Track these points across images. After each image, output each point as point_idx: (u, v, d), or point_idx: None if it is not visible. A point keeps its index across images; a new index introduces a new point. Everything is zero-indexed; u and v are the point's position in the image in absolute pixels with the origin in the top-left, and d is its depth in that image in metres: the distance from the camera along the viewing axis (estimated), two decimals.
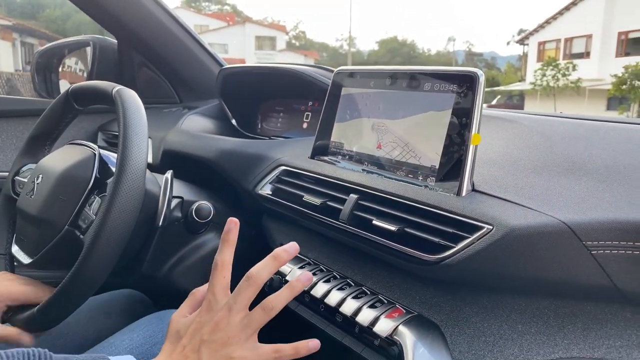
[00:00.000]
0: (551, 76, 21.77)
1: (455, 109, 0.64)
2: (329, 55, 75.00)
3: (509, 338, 0.58)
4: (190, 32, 1.42)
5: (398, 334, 0.61)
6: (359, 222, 0.70)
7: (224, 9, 67.22)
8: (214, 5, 68.37)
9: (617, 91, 19.34)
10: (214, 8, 67.51)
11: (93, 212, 0.76)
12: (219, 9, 67.04)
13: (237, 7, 73.38)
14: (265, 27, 48.19)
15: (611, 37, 22.29)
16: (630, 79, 18.82)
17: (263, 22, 63.84)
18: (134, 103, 0.77)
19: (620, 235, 0.53)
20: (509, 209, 0.57)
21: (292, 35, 69.47)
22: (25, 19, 32.99)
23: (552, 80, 21.78)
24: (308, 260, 0.82)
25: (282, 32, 50.86)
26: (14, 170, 0.95)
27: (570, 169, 0.63)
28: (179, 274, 0.92)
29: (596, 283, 0.55)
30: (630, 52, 21.78)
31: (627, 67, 18.90)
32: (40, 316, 0.72)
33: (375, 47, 79.68)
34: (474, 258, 0.56)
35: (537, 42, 26.32)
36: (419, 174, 0.67)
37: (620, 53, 22.18)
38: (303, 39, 74.67)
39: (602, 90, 21.76)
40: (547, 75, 21.94)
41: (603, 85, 21.47)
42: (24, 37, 23.09)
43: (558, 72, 21.55)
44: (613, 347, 0.55)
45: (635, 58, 19.92)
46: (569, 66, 21.43)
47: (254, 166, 0.94)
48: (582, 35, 23.37)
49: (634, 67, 18.65)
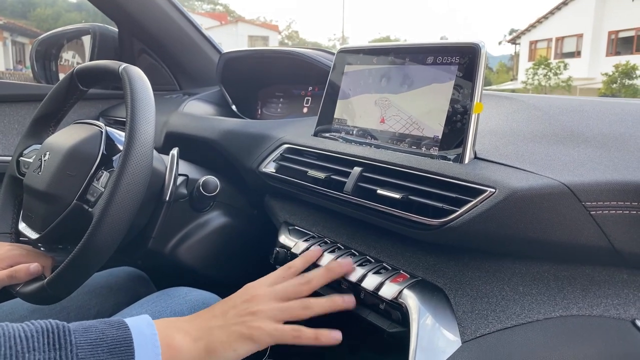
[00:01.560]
0: (543, 75, 21.92)
1: (457, 80, 0.66)
2: None
3: (510, 299, 0.60)
4: (190, 19, 1.44)
5: (403, 297, 0.63)
6: (364, 192, 0.71)
7: (216, 8, 67.03)
8: (206, 4, 68.17)
9: (607, 90, 19.51)
10: (207, 7, 67.29)
11: (102, 185, 0.77)
12: (212, 8, 66.85)
13: (229, 7, 73.19)
14: (257, 27, 48.11)
15: (602, 36, 22.49)
16: (620, 78, 19.01)
17: (255, 21, 63.71)
18: (140, 79, 0.78)
19: (617, 195, 0.55)
20: (510, 173, 0.59)
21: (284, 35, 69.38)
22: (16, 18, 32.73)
23: (543, 80, 21.93)
24: (312, 234, 0.83)
25: (275, 31, 50.79)
26: (19, 151, 0.96)
27: (569, 137, 0.65)
28: (183, 250, 0.93)
29: (595, 244, 0.57)
30: (621, 51, 21.99)
31: (617, 66, 19.09)
32: (50, 287, 0.73)
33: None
34: (477, 220, 0.58)
35: (529, 41, 26.50)
36: (422, 145, 0.69)
37: (611, 52, 22.38)
38: (296, 39, 74.62)
39: (592, 89, 21.93)
40: (538, 74, 22.08)
41: (594, 84, 21.65)
42: (14, 36, 22.93)
43: (549, 71, 21.71)
44: (611, 305, 0.57)
45: (626, 57, 20.12)
46: (560, 65, 21.59)
47: (257, 145, 0.95)
48: (573, 35, 23.56)
49: (624, 66, 18.85)
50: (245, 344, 0.58)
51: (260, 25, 51.61)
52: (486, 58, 0.65)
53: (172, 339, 0.56)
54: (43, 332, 0.50)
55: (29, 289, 0.77)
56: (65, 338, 0.50)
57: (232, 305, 0.63)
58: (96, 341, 0.51)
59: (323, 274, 0.67)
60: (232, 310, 0.61)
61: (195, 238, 0.94)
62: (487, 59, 0.65)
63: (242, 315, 0.60)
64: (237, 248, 1.02)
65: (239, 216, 1.01)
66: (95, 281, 0.98)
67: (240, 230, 1.01)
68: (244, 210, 1.04)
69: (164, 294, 0.86)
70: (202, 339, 0.58)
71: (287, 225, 0.89)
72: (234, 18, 52.05)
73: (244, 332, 0.58)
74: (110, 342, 0.51)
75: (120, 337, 0.52)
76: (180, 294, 0.84)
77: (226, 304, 0.63)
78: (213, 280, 1.00)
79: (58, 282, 0.72)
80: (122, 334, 0.52)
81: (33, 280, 0.78)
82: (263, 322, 0.59)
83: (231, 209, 1.00)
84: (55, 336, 0.50)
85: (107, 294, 0.97)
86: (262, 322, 0.60)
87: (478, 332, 0.58)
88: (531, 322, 0.58)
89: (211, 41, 1.48)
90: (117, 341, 0.51)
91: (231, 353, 0.57)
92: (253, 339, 0.58)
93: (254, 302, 0.62)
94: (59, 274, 0.72)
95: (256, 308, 0.61)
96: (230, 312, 0.61)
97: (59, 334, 0.50)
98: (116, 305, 0.95)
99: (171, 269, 1.00)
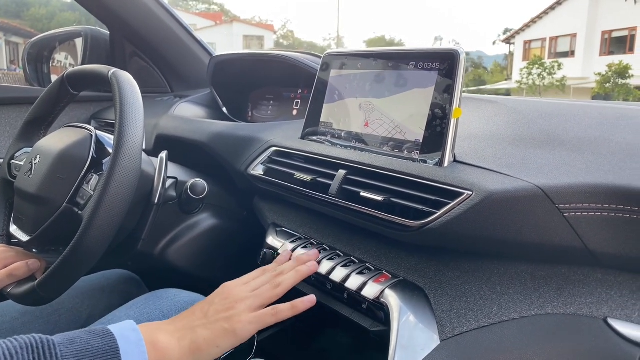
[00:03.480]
0: (537, 75, 22.00)
1: (437, 85, 0.68)
2: None
3: (488, 298, 0.62)
4: (181, 22, 1.45)
5: (385, 297, 0.65)
6: (348, 195, 0.73)
7: (211, 8, 66.90)
8: (201, 4, 68.06)
9: (601, 89, 19.61)
10: (202, 7, 67.18)
11: (91, 188, 0.78)
12: (207, 8, 66.73)
13: (224, 7, 73.12)
14: (253, 27, 48.08)
15: (595, 36, 22.60)
16: (613, 78, 19.10)
17: (251, 21, 63.67)
18: (129, 84, 0.80)
19: (590, 197, 0.57)
20: (487, 176, 0.61)
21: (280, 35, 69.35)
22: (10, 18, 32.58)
23: (538, 79, 22.01)
24: (299, 235, 0.85)
25: (270, 31, 50.77)
26: (10, 155, 0.97)
27: (546, 141, 0.67)
28: (172, 252, 0.95)
29: (569, 244, 0.59)
30: (614, 51, 22.11)
31: (610, 65, 19.18)
32: (41, 289, 0.74)
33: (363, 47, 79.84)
34: (455, 222, 0.60)
35: (523, 41, 26.60)
36: (404, 149, 0.71)
37: (604, 52, 22.49)
38: (291, 39, 74.59)
39: (586, 89, 22.04)
40: (533, 74, 22.17)
41: (587, 83, 21.75)
42: (8, 36, 22.81)
43: (544, 70, 21.79)
44: (584, 304, 0.59)
45: (619, 57, 20.23)
46: (555, 65, 21.67)
47: (246, 148, 0.97)
48: (567, 35, 23.66)
49: (617, 66, 18.94)
50: (228, 338, 0.60)
51: (256, 25, 51.58)
52: (465, 63, 0.67)
53: (157, 342, 0.57)
54: (27, 348, 0.49)
55: (20, 290, 0.78)
56: (50, 352, 0.50)
57: (210, 303, 0.65)
58: (82, 352, 0.51)
59: (290, 264, 0.73)
60: (211, 308, 0.64)
61: (184, 240, 0.95)
62: (465, 63, 0.67)
63: (221, 311, 0.63)
64: (226, 249, 1.03)
65: (229, 218, 1.03)
66: (88, 283, 0.99)
67: (230, 231, 1.03)
68: (234, 211, 1.05)
69: (153, 296, 0.87)
70: (186, 338, 0.59)
71: (275, 227, 0.90)
72: (229, 18, 51.98)
73: (225, 327, 0.61)
74: (96, 353, 0.51)
75: (106, 345, 0.52)
76: (169, 295, 0.85)
77: (205, 303, 0.66)
78: (203, 281, 1.01)
79: (48, 284, 0.74)
80: (107, 342, 0.53)
81: (24, 282, 0.79)
82: (242, 314, 0.62)
83: (220, 211, 1.02)
84: (40, 351, 0.49)
85: (99, 296, 0.98)
86: (241, 314, 0.62)
87: (456, 330, 0.60)
88: (507, 320, 0.60)
89: (202, 43, 1.50)
90: (104, 350, 0.52)
91: (215, 349, 0.59)
92: (236, 333, 0.61)
93: (230, 298, 0.65)
94: (49, 275, 0.73)
95: (233, 303, 0.64)
96: (211, 310, 0.63)
97: (44, 349, 0.50)
98: (108, 307, 0.96)
99: (161, 270, 1.01)
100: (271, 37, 49.34)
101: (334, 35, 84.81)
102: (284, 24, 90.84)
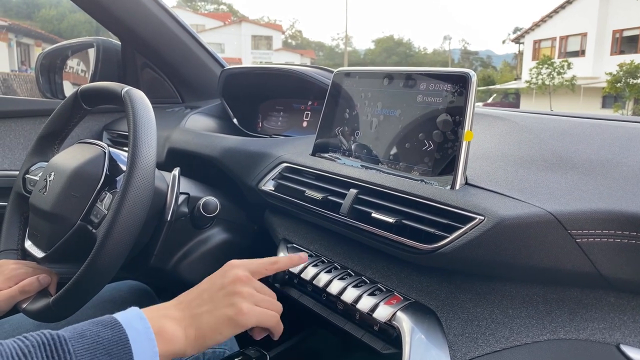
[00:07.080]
0: (546, 74, 21.88)
1: (449, 107, 0.68)
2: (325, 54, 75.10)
3: (500, 322, 0.62)
4: (192, 33, 1.46)
5: (396, 319, 0.65)
6: (359, 215, 0.73)
7: (220, 8, 67.14)
8: (210, 4, 68.32)
9: (611, 89, 19.46)
10: (210, 8, 67.46)
11: (105, 207, 0.79)
12: (215, 8, 66.97)
13: (233, 7, 73.33)
14: (261, 27, 48.20)
15: (606, 35, 22.42)
16: (624, 77, 18.94)
17: (259, 21, 63.81)
18: (142, 103, 0.80)
19: (602, 224, 0.57)
20: (499, 201, 0.61)
21: (288, 35, 69.46)
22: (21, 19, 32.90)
23: (547, 79, 21.89)
24: (310, 252, 0.85)
25: (279, 31, 50.86)
26: (25, 169, 0.99)
27: (557, 163, 0.67)
28: (185, 267, 0.95)
29: (581, 270, 0.59)
30: (625, 50, 21.91)
31: (621, 65, 19.01)
32: (55, 306, 0.75)
33: (371, 46, 79.82)
34: (466, 247, 0.60)
35: (533, 40, 26.45)
36: (415, 169, 0.71)
37: (615, 51, 22.30)
38: (299, 38, 74.63)
39: (597, 89, 21.87)
40: (542, 73, 22.04)
41: (598, 83, 21.58)
42: (19, 37, 23.03)
43: (553, 70, 21.66)
44: (597, 329, 0.59)
45: (630, 56, 20.04)
46: (564, 64, 21.54)
47: (257, 163, 0.97)
48: (577, 34, 23.49)
49: (628, 65, 18.77)
50: (230, 327, 0.61)
51: (264, 25, 51.68)
52: (476, 86, 0.67)
53: (165, 329, 0.58)
54: (40, 346, 0.49)
55: (35, 307, 0.79)
56: (62, 348, 0.50)
57: (219, 286, 0.65)
58: (93, 345, 0.52)
59: None
60: (219, 292, 0.64)
61: (196, 254, 0.96)
62: (477, 85, 0.67)
63: (228, 296, 0.63)
64: None
65: (240, 232, 1.03)
66: (100, 295, 1.00)
67: (241, 246, 1.03)
68: (245, 226, 1.06)
69: None
70: (192, 326, 0.60)
71: (286, 243, 0.91)
72: (238, 18, 52.13)
73: (231, 316, 0.61)
74: (106, 344, 0.52)
75: (116, 336, 0.53)
76: None
77: (213, 285, 0.66)
78: None
79: (63, 302, 0.75)
80: (116, 333, 0.53)
81: (39, 299, 0.80)
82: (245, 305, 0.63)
83: (232, 225, 1.02)
84: (52, 347, 0.50)
85: (112, 308, 0.99)
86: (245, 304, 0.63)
87: (468, 355, 0.60)
88: (519, 345, 0.60)
89: (213, 54, 1.51)
90: (114, 341, 0.53)
91: (218, 336, 0.61)
92: (238, 322, 0.62)
93: (238, 283, 0.65)
94: (63, 294, 0.74)
95: (239, 289, 0.64)
96: (219, 294, 0.64)
97: (56, 345, 0.50)
98: None
99: (174, 284, 1.02)
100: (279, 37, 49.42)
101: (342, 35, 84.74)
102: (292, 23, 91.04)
